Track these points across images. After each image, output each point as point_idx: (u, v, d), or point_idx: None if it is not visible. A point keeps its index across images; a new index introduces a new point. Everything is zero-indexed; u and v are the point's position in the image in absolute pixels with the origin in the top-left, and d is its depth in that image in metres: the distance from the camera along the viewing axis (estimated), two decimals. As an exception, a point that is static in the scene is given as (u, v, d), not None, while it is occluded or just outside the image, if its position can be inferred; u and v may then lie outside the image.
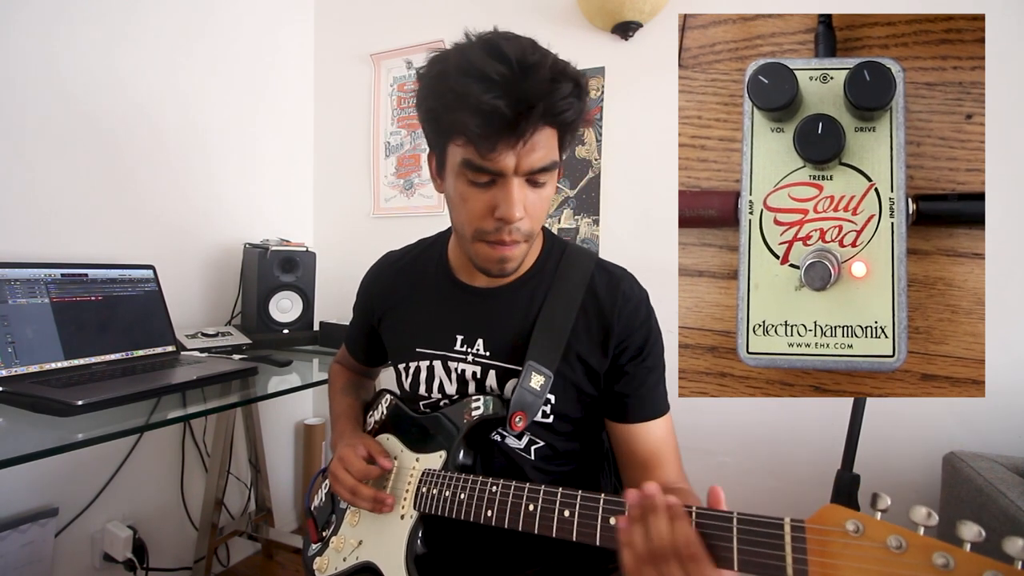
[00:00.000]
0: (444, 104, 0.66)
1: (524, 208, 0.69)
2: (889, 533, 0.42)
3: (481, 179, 0.68)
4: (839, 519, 0.45)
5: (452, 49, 0.69)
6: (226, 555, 1.84)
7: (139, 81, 1.55)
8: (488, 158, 0.65)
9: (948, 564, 0.39)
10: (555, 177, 0.72)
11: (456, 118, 0.65)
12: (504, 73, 0.62)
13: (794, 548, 0.46)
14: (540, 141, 0.66)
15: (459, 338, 0.83)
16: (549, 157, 0.68)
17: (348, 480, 0.78)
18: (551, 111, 0.64)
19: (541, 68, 0.63)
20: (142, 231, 1.57)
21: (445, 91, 0.65)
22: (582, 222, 1.68)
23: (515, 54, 0.63)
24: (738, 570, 0.49)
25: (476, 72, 0.62)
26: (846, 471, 0.94)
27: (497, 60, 0.62)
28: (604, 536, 0.57)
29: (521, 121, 0.62)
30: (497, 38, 0.66)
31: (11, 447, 0.81)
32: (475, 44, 0.67)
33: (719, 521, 0.51)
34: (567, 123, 0.68)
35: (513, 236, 0.70)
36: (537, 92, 0.62)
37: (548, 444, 0.80)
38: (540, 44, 0.68)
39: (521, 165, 0.66)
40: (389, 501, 0.76)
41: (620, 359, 0.78)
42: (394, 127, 2.01)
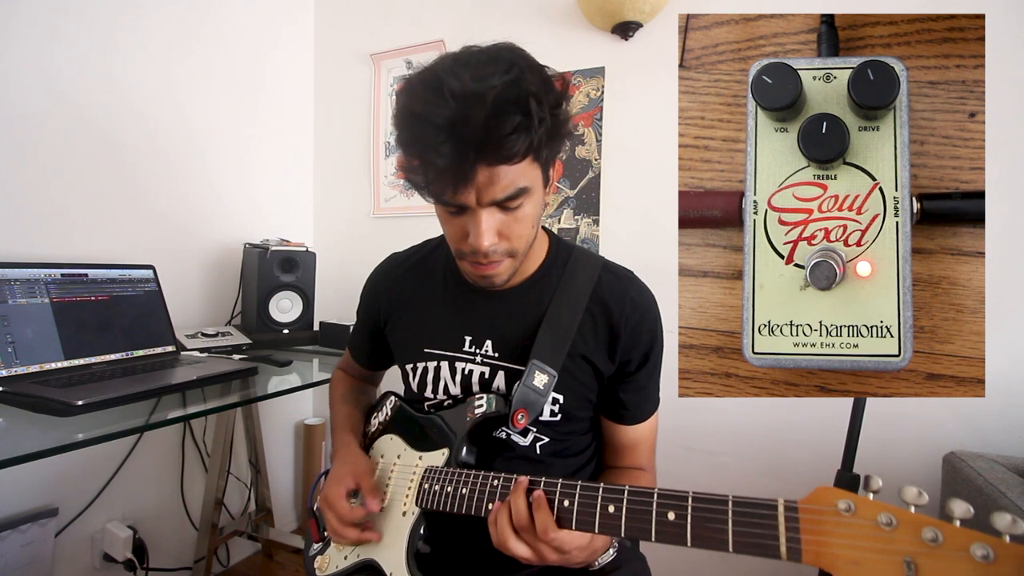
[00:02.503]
0: (403, 145, 0.67)
1: (498, 233, 0.69)
2: (880, 511, 0.43)
3: (450, 209, 0.69)
4: (831, 499, 0.46)
5: (409, 81, 0.68)
6: (226, 555, 1.84)
7: (139, 81, 1.55)
8: (445, 198, 0.66)
9: (937, 538, 0.40)
10: (533, 196, 0.69)
11: (412, 163, 0.66)
12: (445, 116, 0.60)
13: (787, 527, 0.47)
14: (499, 174, 0.64)
15: (467, 339, 0.83)
16: (514, 185, 0.65)
17: (332, 521, 0.78)
18: (492, 151, 0.61)
19: (482, 103, 0.59)
20: (142, 231, 1.57)
21: (401, 133, 0.67)
22: (582, 222, 1.67)
23: (456, 89, 0.60)
24: (733, 551, 0.49)
25: (419, 116, 0.62)
26: (846, 471, 0.94)
27: (437, 101, 0.61)
28: (603, 524, 0.58)
29: (465, 164, 0.61)
30: (446, 68, 0.63)
31: (11, 447, 0.81)
32: (423, 78, 0.65)
33: (714, 504, 0.52)
34: (513, 156, 0.63)
35: (490, 258, 0.71)
36: (474, 134, 0.60)
37: (553, 441, 0.81)
38: (505, 53, 0.65)
39: (482, 198, 0.65)
40: (375, 539, 0.77)
41: (627, 366, 0.80)
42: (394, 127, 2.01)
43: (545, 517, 0.60)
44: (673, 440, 1.52)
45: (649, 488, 0.57)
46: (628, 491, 0.58)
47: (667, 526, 0.54)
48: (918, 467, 1.29)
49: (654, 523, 0.55)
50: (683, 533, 0.52)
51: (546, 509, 0.60)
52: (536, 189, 0.70)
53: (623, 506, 0.57)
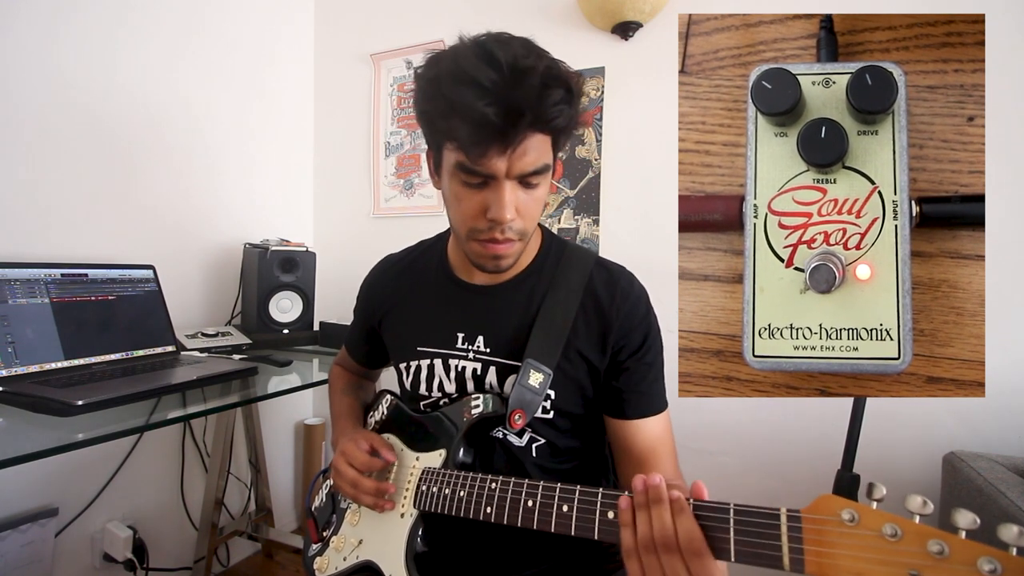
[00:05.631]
0: (437, 109, 0.68)
1: (516, 209, 0.70)
2: (884, 521, 0.42)
3: (474, 181, 0.69)
4: (835, 508, 0.45)
5: (447, 51, 0.69)
6: (226, 555, 1.84)
7: (139, 81, 1.55)
8: (479, 163, 0.66)
9: (943, 551, 0.39)
10: (548, 178, 0.73)
11: (448, 124, 0.66)
12: (495, 79, 0.62)
13: (790, 538, 0.46)
14: (531, 145, 0.66)
15: (460, 336, 0.83)
16: (541, 160, 0.68)
17: (350, 473, 0.78)
18: (541, 118, 0.65)
19: (532, 74, 0.63)
20: (142, 231, 1.57)
21: (438, 96, 0.67)
22: (582, 222, 1.68)
23: (507, 59, 0.63)
24: (735, 561, 0.49)
25: (467, 78, 0.63)
26: (846, 471, 0.94)
27: (489, 65, 0.63)
28: (602, 530, 0.57)
29: (510, 128, 0.63)
30: (491, 42, 0.66)
31: (11, 447, 0.81)
32: (468, 48, 0.67)
33: (716, 512, 0.51)
34: (558, 128, 0.68)
35: (506, 235, 0.71)
36: (527, 99, 0.63)
37: (549, 441, 0.81)
38: (535, 44, 0.68)
39: (512, 169, 0.67)
40: (391, 491, 0.76)
41: (619, 356, 0.79)
42: (394, 127, 2.01)
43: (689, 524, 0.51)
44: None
45: None
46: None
47: None
48: (918, 467, 1.29)
49: None
50: None
51: (689, 515, 0.52)
52: (550, 174, 0.73)
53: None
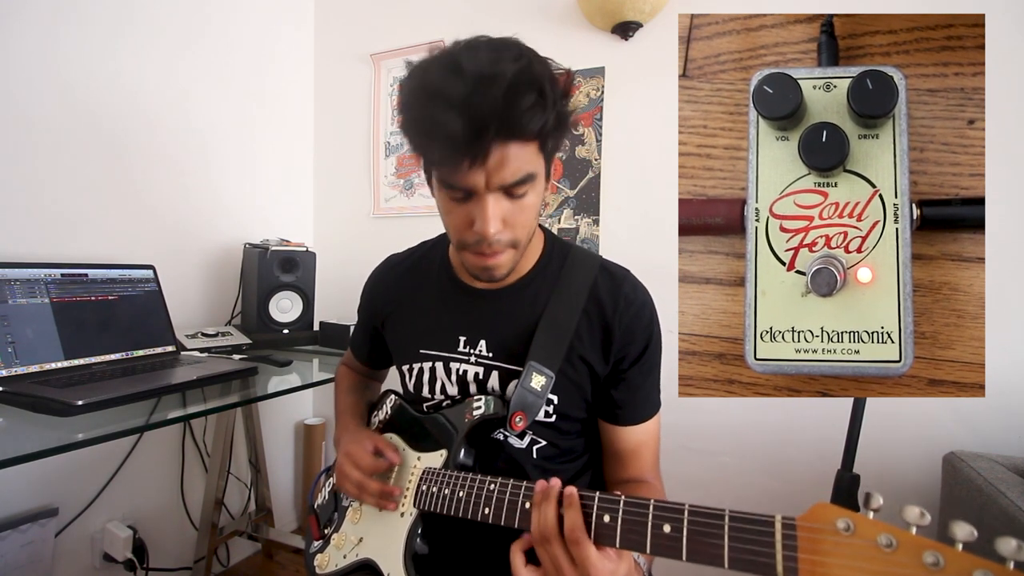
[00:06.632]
0: (410, 127, 0.67)
1: (503, 220, 0.68)
2: (880, 532, 0.42)
3: (456, 195, 0.68)
4: (830, 517, 0.45)
5: (421, 63, 0.68)
6: (226, 555, 1.84)
7: (139, 81, 1.55)
8: (453, 178, 0.65)
9: (938, 563, 0.39)
10: (537, 186, 0.70)
11: (420, 141, 0.66)
12: (460, 91, 0.60)
13: (784, 546, 0.46)
14: (510, 155, 0.64)
15: (462, 339, 0.83)
16: (523, 170, 0.66)
17: (355, 475, 0.78)
18: (510, 126, 0.61)
19: (498, 81, 0.59)
20: (142, 231, 1.56)
21: (410, 113, 0.66)
22: (582, 222, 1.68)
23: (472, 68, 0.60)
24: (729, 568, 0.49)
25: (433, 92, 0.61)
26: (846, 471, 0.94)
27: (454, 77, 0.61)
28: (598, 532, 0.57)
29: (477, 140, 0.61)
30: (461, 51, 0.64)
31: (11, 447, 0.81)
32: (438, 59, 0.65)
33: (711, 519, 0.51)
34: (535, 133, 0.64)
35: (494, 247, 0.70)
36: (492, 109, 0.59)
37: (550, 444, 0.81)
38: (514, 46, 0.65)
39: (491, 181, 0.65)
40: (396, 493, 0.76)
41: (621, 364, 0.79)
42: (394, 127, 2.01)
43: (575, 517, 0.57)
44: (673, 440, 1.52)
45: (645, 498, 0.56)
46: (624, 501, 0.57)
47: (662, 539, 0.53)
48: (918, 467, 1.30)
49: (649, 535, 0.54)
50: (679, 547, 0.51)
51: (578, 508, 0.57)
52: (540, 180, 0.70)
53: (618, 516, 0.56)
